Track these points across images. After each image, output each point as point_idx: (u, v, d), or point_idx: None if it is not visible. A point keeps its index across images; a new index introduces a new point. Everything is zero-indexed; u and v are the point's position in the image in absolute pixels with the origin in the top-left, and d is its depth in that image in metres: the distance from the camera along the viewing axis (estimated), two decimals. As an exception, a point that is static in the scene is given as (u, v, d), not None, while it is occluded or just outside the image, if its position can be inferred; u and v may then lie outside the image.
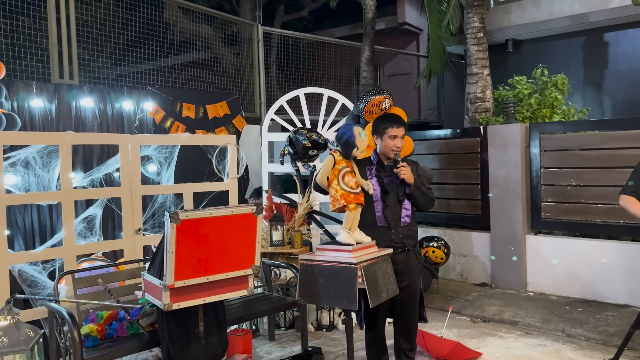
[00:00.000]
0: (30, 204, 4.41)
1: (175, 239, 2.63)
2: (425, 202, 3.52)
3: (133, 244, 4.09)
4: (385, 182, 3.45)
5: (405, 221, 3.47)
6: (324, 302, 3.27)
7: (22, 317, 2.96)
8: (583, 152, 5.53)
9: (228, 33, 8.15)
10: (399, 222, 3.45)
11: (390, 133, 3.42)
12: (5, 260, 3.50)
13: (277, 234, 4.77)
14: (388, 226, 3.43)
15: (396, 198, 3.45)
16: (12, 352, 2.61)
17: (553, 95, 6.57)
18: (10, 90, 4.47)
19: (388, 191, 3.44)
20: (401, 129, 3.44)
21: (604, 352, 4.26)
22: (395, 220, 3.44)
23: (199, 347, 3.02)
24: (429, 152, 6.63)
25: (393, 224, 3.44)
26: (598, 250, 5.34)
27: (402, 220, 3.46)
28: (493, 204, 6.00)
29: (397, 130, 3.42)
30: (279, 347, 4.49)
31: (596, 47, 9.90)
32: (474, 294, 5.76)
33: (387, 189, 3.44)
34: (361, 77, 9.31)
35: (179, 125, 5.68)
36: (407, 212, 3.48)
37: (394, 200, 3.45)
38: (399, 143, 3.43)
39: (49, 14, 5.18)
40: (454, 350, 4.05)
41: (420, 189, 3.46)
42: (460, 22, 8.04)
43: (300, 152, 5.28)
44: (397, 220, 3.45)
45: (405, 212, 3.47)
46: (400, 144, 3.43)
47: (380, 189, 3.43)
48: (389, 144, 3.43)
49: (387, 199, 3.43)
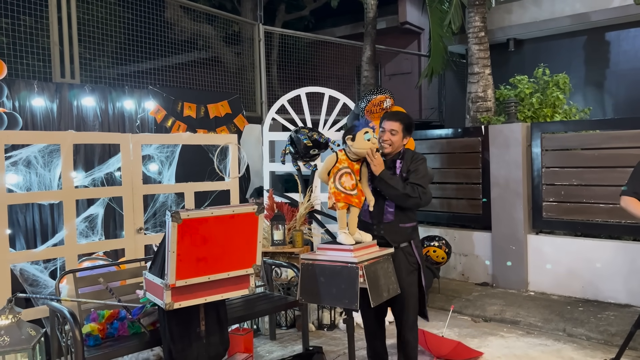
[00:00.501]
0: (32, 203, 4.42)
1: (176, 238, 2.63)
2: (397, 196, 3.30)
3: (134, 243, 4.10)
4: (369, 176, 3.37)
5: (387, 217, 3.37)
6: (325, 302, 3.27)
7: (24, 316, 2.96)
8: (584, 152, 5.52)
9: (229, 32, 8.15)
10: (381, 218, 3.38)
11: (382, 126, 3.44)
12: (6, 259, 3.51)
13: (278, 233, 4.78)
14: (371, 222, 3.40)
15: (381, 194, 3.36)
16: (14, 351, 2.62)
17: (554, 95, 6.56)
18: (12, 90, 4.47)
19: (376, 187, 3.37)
20: (390, 122, 3.40)
21: (605, 351, 4.26)
22: (379, 215, 3.38)
23: (200, 347, 3.02)
24: (430, 152, 6.63)
25: (376, 219, 3.38)
26: (599, 250, 5.34)
27: (385, 217, 3.37)
28: (494, 204, 6.00)
29: (386, 123, 3.42)
30: (280, 346, 4.49)
31: (598, 47, 9.88)
32: (475, 293, 5.75)
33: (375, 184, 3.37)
34: (362, 77, 9.30)
35: (180, 124, 5.68)
36: (389, 208, 3.37)
37: (380, 195, 3.36)
38: (386, 136, 3.39)
39: (50, 13, 5.18)
40: (455, 350, 4.05)
41: (387, 182, 3.27)
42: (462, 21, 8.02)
43: (301, 151, 5.28)
44: (380, 216, 3.38)
45: (387, 209, 3.37)
46: (387, 137, 3.38)
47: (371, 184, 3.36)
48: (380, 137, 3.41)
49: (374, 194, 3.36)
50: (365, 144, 3.12)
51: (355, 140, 3.13)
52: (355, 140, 3.13)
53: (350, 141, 3.14)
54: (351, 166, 3.20)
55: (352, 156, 3.20)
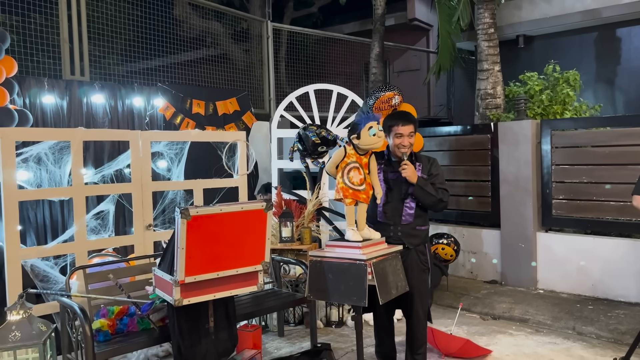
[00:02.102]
0: (42, 199, 4.45)
1: (185, 235, 2.65)
2: (433, 202, 3.42)
3: (143, 240, 4.12)
4: (389, 178, 3.44)
5: (406, 219, 3.42)
6: (333, 299, 3.28)
7: (35, 311, 2.99)
8: (595, 149, 5.48)
9: (238, 29, 8.16)
10: (399, 220, 3.42)
11: (396, 131, 3.39)
12: (18, 255, 3.54)
13: (287, 230, 4.79)
14: (387, 223, 3.42)
15: (399, 195, 3.42)
16: (25, 346, 2.65)
17: (565, 92, 6.52)
18: (23, 87, 4.50)
19: (392, 188, 3.42)
20: (407, 126, 3.40)
21: (615, 350, 4.23)
22: (396, 217, 3.41)
23: (209, 343, 3.03)
24: (438, 149, 6.60)
25: (393, 221, 3.42)
26: (610, 248, 5.30)
27: (403, 218, 3.42)
28: (503, 201, 5.97)
29: (402, 128, 3.39)
30: (288, 342, 4.50)
31: (608, 43, 9.79)
32: (484, 291, 5.73)
33: (391, 185, 3.43)
34: (371, 74, 9.29)
35: (189, 121, 5.70)
36: (409, 210, 3.42)
37: (397, 197, 3.42)
38: (405, 141, 3.39)
39: (60, 11, 5.21)
40: (463, 348, 4.04)
41: (423, 189, 3.37)
42: (471, 18, 7.99)
43: (309, 148, 5.27)
44: (398, 218, 3.41)
45: (407, 211, 3.41)
46: (406, 142, 3.39)
47: (384, 184, 3.42)
48: (395, 142, 3.41)
49: (390, 195, 3.42)
50: (371, 140, 3.12)
51: (361, 137, 3.12)
52: (360, 138, 3.12)
53: (356, 140, 3.14)
54: (359, 160, 3.20)
55: (360, 151, 3.21)
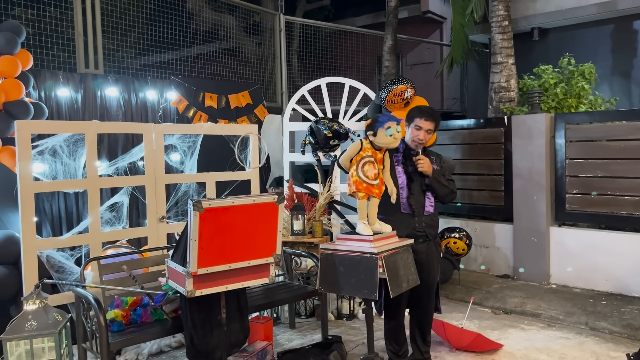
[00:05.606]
0: (58, 191, 4.51)
1: (198, 227, 2.67)
2: (445, 194, 3.56)
3: (157, 232, 4.16)
4: (410, 170, 3.51)
5: (428, 210, 3.53)
6: (344, 292, 3.29)
7: (50, 301, 3.04)
8: (610, 143, 5.42)
9: (250, 23, 8.16)
10: (422, 211, 3.51)
11: (417, 123, 3.49)
12: (34, 245, 3.60)
13: (298, 223, 4.80)
14: (412, 214, 3.49)
15: (420, 187, 3.51)
16: (41, 335, 2.70)
17: (580, 85, 6.45)
18: (38, 80, 4.56)
19: (413, 179, 3.50)
20: (428, 122, 3.48)
21: (628, 346, 4.20)
22: (419, 208, 3.50)
23: (221, 334, 3.06)
24: (451, 142, 6.57)
25: (417, 212, 3.50)
26: (624, 243, 5.25)
27: (426, 210, 3.52)
28: (516, 195, 5.93)
29: (424, 122, 3.47)
30: (299, 335, 4.52)
31: (625, 36, 9.64)
32: (496, 285, 5.71)
33: (412, 177, 3.50)
34: (383, 67, 9.25)
35: (202, 114, 5.73)
36: (430, 201, 3.54)
37: (419, 189, 3.51)
38: (422, 135, 3.47)
39: (74, 4, 5.26)
40: (474, 342, 4.03)
41: (439, 181, 3.50)
42: (485, 10, 7.90)
43: (321, 141, 5.28)
44: (421, 209, 3.51)
45: (428, 202, 3.53)
46: (423, 136, 3.47)
47: (405, 176, 3.49)
48: (412, 133, 3.50)
49: (412, 186, 3.49)
50: (387, 139, 3.12)
51: (377, 135, 3.12)
52: (377, 136, 3.13)
53: (372, 137, 3.15)
54: (375, 155, 3.20)
55: (376, 146, 3.21)
